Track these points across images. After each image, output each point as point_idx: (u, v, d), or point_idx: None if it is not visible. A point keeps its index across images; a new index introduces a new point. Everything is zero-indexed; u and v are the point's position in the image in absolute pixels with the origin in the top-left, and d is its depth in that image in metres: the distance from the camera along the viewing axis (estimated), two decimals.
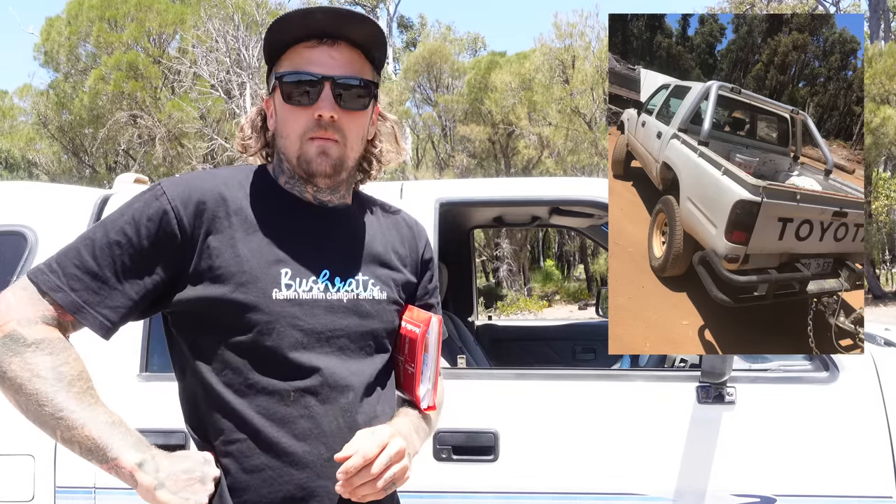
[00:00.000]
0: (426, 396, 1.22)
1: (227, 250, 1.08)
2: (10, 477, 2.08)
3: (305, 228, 1.16)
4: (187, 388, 1.14)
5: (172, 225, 1.07)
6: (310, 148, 1.12)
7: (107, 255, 1.06)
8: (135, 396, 2.13)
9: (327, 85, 1.11)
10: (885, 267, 17.20)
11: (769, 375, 2.08)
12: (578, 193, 2.43)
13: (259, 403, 1.07)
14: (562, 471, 2.04)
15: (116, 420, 1.02)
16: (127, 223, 1.07)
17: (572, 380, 2.17)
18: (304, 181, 1.17)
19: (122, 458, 0.98)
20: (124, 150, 15.88)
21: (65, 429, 0.98)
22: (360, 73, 1.15)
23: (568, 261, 23.84)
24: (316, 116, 1.11)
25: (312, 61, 1.11)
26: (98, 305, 1.05)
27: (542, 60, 16.67)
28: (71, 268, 1.05)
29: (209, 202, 1.10)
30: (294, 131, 1.13)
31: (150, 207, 1.08)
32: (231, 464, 1.07)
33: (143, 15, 15.08)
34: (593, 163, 15.88)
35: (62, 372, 1.01)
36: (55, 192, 2.53)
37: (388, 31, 29.63)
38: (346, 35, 1.12)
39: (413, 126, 21.71)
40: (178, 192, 1.09)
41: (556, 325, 4.14)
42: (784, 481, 1.98)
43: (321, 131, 1.12)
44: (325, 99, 1.10)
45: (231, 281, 1.07)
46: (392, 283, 1.22)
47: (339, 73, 1.12)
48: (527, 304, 15.64)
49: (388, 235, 1.27)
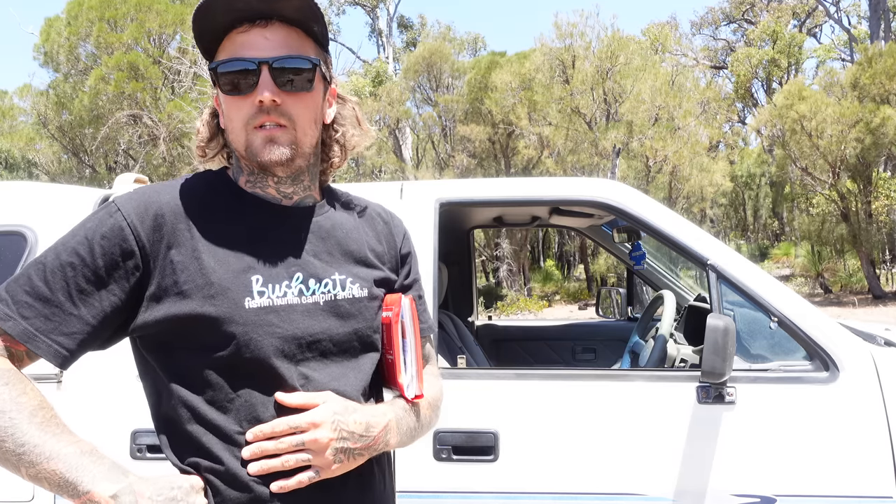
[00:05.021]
0: (410, 385, 1.16)
1: (191, 263, 1.02)
2: (11, 477, 2.08)
3: (273, 231, 1.10)
4: (166, 412, 1.06)
5: (129, 241, 1.01)
6: (255, 138, 1.06)
7: (59, 279, 0.98)
8: (134, 397, 2.13)
9: (265, 68, 1.04)
10: (885, 267, 17.18)
11: (769, 375, 2.08)
12: (578, 193, 2.43)
13: (243, 417, 1.02)
14: (562, 471, 2.04)
15: (86, 448, 0.94)
16: (79, 243, 1.00)
17: (572, 380, 2.17)
18: (262, 175, 1.11)
19: (94, 492, 0.90)
20: (124, 150, 15.86)
21: (28, 465, 0.91)
22: (300, 50, 1.08)
23: (568, 261, 23.82)
24: (257, 102, 1.04)
25: (246, 45, 1.05)
26: (52, 333, 0.98)
27: (542, 60, 16.64)
28: (21, 294, 0.98)
29: (167, 214, 1.04)
30: (237, 122, 1.07)
31: (103, 225, 1.01)
32: (219, 484, 1.02)
33: (143, 15, 15.06)
34: (593, 163, 15.86)
35: (20, 402, 0.93)
36: (55, 192, 2.53)
37: (388, 31, 29.60)
38: (278, 13, 1.05)
39: (413, 126, 21.69)
40: (133, 206, 1.03)
41: (556, 325, 4.14)
42: (784, 481, 1.98)
43: (264, 117, 1.05)
44: (263, 83, 1.04)
45: (199, 294, 1.01)
46: (372, 281, 1.17)
47: (276, 55, 1.05)
48: (527, 304, 15.63)
49: (363, 232, 1.21)
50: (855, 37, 26.83)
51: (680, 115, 15.81)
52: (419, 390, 1.18)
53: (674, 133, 15.62)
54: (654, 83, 15.62)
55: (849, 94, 14.53)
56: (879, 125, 13.34)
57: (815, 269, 16.49)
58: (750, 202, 29.15)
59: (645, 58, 16.84)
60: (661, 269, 3.74)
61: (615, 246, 3.75)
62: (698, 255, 2.18)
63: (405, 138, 21.12)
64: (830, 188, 14.54)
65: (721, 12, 32.79)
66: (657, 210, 2.28)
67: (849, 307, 13.64)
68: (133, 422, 2.06)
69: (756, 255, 22.78)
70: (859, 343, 2.10)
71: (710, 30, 33.49)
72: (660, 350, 2.59)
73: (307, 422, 1.00)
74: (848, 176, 14.64)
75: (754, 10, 31.32)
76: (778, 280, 2.21)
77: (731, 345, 1.92)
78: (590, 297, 16.92)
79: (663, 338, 2.62)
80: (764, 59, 28.10)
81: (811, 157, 14.33)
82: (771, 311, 2.10)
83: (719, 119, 20.89)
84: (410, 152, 21.94)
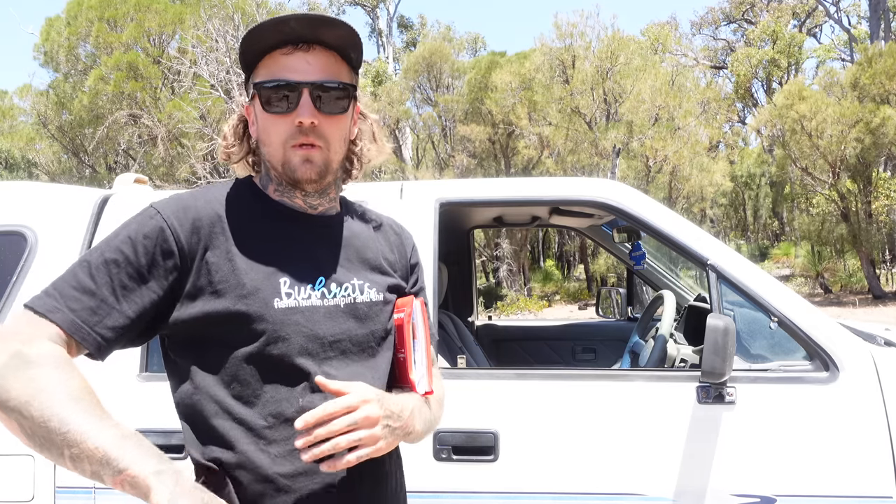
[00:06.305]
0: (421, 381, 1.23)
1: (225, 264, 1.09)
2: (10, 477, 2.08)
3: (298, 237, 1.18)
4: (192, 406, 1.11)
5: (170, 242, 1.08)
6: (293, 156, 1.13)
7: (104, 275, 1.05)
8: (135, 397, 2.13)
9: (305, 91, 1.11)
10: (885, 267, 17.17)
11: (769, 375, 2.08)
12: (578, 193, 2.43)
13: (268, 412, 1.08)
14: (562, 471, 2.04)
15: (128, 433, 0.97)
16: (123, 242, 1.07)
17: (572, 380, 2.17)
18: (292, 187, 1.18)
19: (135, 467, 0.91)
20: (124, 150, 15.87)
21: (72, 443, 0.93)
22: (337, 75, 1.15)
23: (568, 261, 23.81)
24: (296, 123, 1.11)
25: (289, 68, 1.12)
26: (96, 325, 1.04)
27: (543, 60, 16.64)
28: (68, 289, 1.04)
29: (204, 219, 1.11)
30: (276, 140, 1.14)
31: (145, 226, 1.08)
32: (243, 476, 1.07)
33: (142, 15, 15.06)
34: (593, 163, 15.85)
35: (69, 386, 0.97)
36: (55, 192, 2.53)
37: (388, 31, 29.62)
38: (320, 39, 1.13)
39: (413, 126, 21.69)
40: (172, 210, 1.10)
41: (556, 325, 4.14)
42: (784, 481, 1.98)
43: (303, 137, 1.12)
44: (304, 105, 1.11)
45: (232, 294, 1.08)
46: (386, 287, 1.24)
47: (317, 78, 1.12)
48: (527, 304, 15.63)
49: (378, 242, 1.29)
50: (855, 37, 26.83)
51: (680, 115, 15.81)
52: (429, 386, 1.24)
53: (674, 133, 15.62)
54: (654, 83, 15.62)
55: (849, 94, 14.53)
56: (879, 125, 13.34)
57: (815, 269, 16.49)
58: (750, 202, 29.15)
59: (645, 58, 16.84)
60: (661, 269, 3.74)
61: (615, 246, 3.75)
62: (698, 255, 2.18)
63: (405, 138, 21.12)
64: (830, 188, 14.55)
65: (721, 12, 32.79)
66: (657, 210, 2.28)
67: (849, 307, 13.64)
68: (136, 422, 2.06)
69: (756, 255, 22.78)
70: (859, 343, 2.10)
71: (710, 30, 33.50)
72: (660, 350, 2.59)
73: (359, 399, 1.04)
74: (848, 176, 14.64)
75: (754, 10, 31.31)
76: (778, 280, 2.21)
77: (731, 345, 1.92)
78: (590, 297, 16.92)
79: (663, 338, 2.62)
80: (764, 59, 28.11)
81: (811, 157, 14.34)
82: (771, 311, 2.10)
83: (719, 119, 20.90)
84: (410, 152, 21.95)
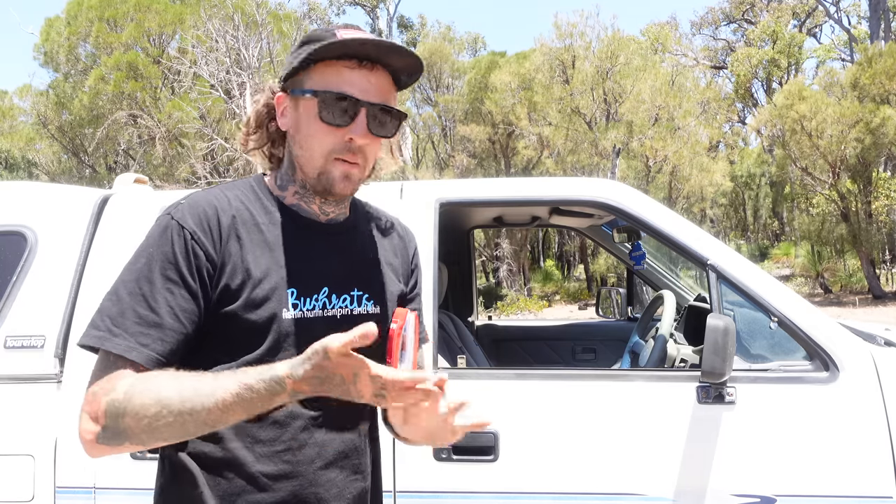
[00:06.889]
0: None
1: (240, 272, 1.10)
2: (10, 477, 2.08)
3: (309, 247, 1.18)
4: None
5: (200, 257, 1.08)
6: (334, 169, 1.13)
7: (163, 304, 1.05)
8: None
9: (364, 110, 1.11)
10: (885, 267, 17.17)
11: (769, 375, 2.08)
12: (578, 193, 2.43)
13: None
14: (562, 471, 2.04)
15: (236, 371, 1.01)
16: (165, 266, 1.06)
17: (572, 380, 2.17)
18: (312, 194, 1.18)
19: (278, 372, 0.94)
20: (124, 150, 15.87)
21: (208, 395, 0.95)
22: (390, 98, 1.16)
23: (568, 261, 23.81)
24: (347, 139, 1.11)
25: (351, 83, 1.11)
26: (166, 353, 1.05)
27: (542, 60, 16.65)
28: (133, 327, 1.04)
29: (224, 227, 1.11)
30: (319, 149, 1.13)
31: (177, 244, 1.07)
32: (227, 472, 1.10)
33: (142, 15, 15.07)
34: (593, 163, 15.86)
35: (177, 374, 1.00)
36: (55, 192, 2.53)
37: (389, 31, 29.61)
38: (385, 62, 1.13)
39: (413, 126, 21.70)
40: (194, 222, 1.09)
41: (556, 325, 4.14)
42: (784, 481, 1.98)
43: (349, 155, 1.12)
44: (360, 124, 1.11)
45: (243, 301, 1.09)
46: (387, 295, 1.25)
47: (376, 100, 1.12)
48: (527, 304, 15.63)
49: (383, 246, 1.29)
50: (855, 37, 26.83)
51: (680, 115, 15.82)
52: None
53: (674, 133, 15.63)
54: (654, 83, 15.63)
55: (849, 94, 14.54)
56: (879, 125, 13.35)
57: (815, 269, 16.50)
58: (750, 202, 29.16)
59: (645, 58, 16.85)
60: (661, 269, 3.74)
61: (615, 246, 3.75)
62: (698, 255, 2.18)
63: (405, 138, 21.09)
64: (830, 188, 14.55)
65: (721, 12, 32.80)
66: (657, 210, 2.28)
67: (849, 307, 13.64)
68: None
69: (756, 255, 22.78)
70: (859, 343, 2.10)
71: (710, 30, 33.52)
72: (660, 350, 2.59)
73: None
74: (848, 176, 14.64)
75: (754, 10, 31.32)
76: (778, 280, 2.21)
77: (731, 345, 1.92)
78: (590, 297, 16.92)
79: (663, 338, 2.62)
80: (764, 59, 28.12)
81: (811, 157, 14.34)
82: (771, 311, 2.10)
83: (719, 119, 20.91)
84: (410, 152, 21.95)
